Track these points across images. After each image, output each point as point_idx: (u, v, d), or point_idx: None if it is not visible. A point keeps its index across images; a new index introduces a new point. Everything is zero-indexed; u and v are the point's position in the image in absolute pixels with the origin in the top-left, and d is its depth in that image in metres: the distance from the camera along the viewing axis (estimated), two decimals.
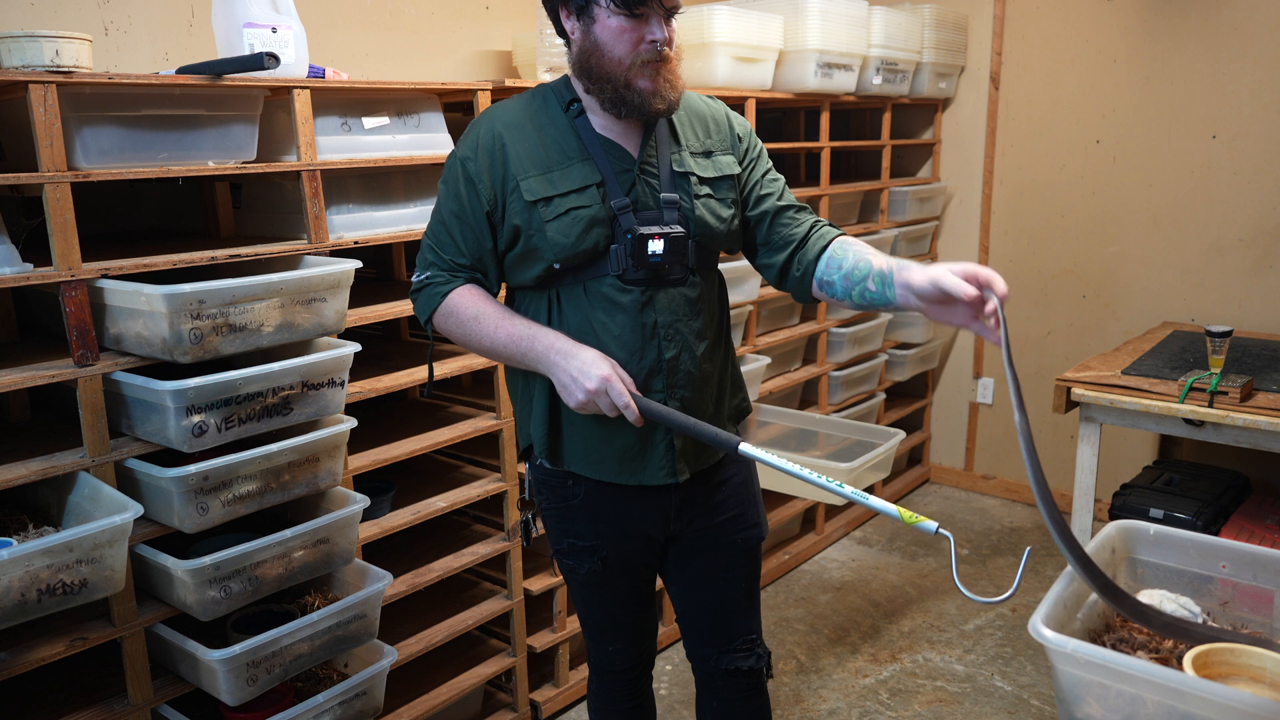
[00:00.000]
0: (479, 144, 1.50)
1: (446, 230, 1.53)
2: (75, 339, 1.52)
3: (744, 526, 1.69)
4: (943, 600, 3.13)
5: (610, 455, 1.56)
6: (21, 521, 1.60)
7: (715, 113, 1.64)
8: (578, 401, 1.42)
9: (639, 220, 1.49)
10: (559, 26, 1.50)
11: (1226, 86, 3.19)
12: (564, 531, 1.66)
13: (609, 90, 1.45)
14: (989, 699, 2.60)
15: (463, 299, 1.52)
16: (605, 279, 1.50)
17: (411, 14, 2.69)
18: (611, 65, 1.43)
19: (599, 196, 1.48)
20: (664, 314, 1.52)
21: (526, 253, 1.49)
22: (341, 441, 1.82)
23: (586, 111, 1.51)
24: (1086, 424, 2.71)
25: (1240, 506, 2.85)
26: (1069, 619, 1.41)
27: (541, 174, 1.48)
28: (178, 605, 1.64)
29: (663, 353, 1.53)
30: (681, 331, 1.54)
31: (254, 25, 1.76)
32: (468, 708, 2.41)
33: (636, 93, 1.44)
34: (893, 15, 3.32)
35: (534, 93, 1.57)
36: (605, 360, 1.42)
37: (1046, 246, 3.70)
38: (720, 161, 1.59)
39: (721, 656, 1.71)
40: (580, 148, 1.50)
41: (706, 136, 1.60)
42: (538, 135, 1.51)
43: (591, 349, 1.44)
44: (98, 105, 1.55)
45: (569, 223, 1.46)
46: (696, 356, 1.56)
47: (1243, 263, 3.25)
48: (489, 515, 2.43)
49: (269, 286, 1.63)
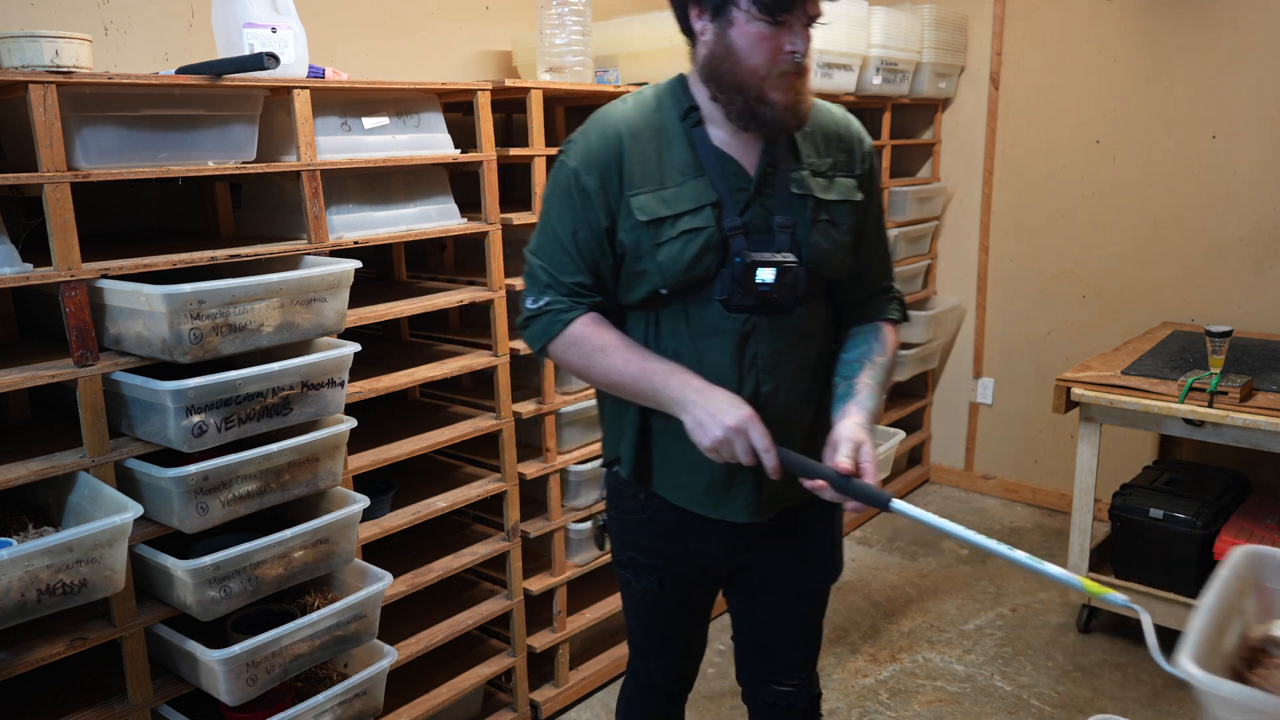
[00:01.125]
0: (591, 153, 1.39)
1: (563, 248, 1.41)
2: (75, 339, 1.52)
3: (818, 569, 1.63)
4: (942, 600, 3.13)
5: (697, 485, 1.48)
6: (21, 521, 1.60)
7: (844, 128, 1.49)
8: (713, 440, 1.30)
9: (750, 244, 1.38)
10: (685, 24, 1.37)
11: (1226, 86, 3.19)
12: (627, 544, 1.61)
13: (739, 101, 1.33)
14: (989, 699, 2.60)
15: (587, 328, 1.41)
16: (709, 304, 1.40)
17: (411, 14, 2.68)
18: (745, 74, 1.31)
19: (713, 218, 1.37)
20: (765, 344, 1.42)
21: (633, 274, 1.41)
22: (341, 441, 1.82)
23: (705, 122, 1.40)
24: (1086, 424, 2.71)
25: (1240, 506, 2.86)
26: (1212, 654, 1.33)
27: (655, 190, 1.38)
28: (177, 605, 1.64)
29: (760, 385, 1.43)
30: (782, 365, 1.44)
31: (254, 25, 1.76)
32: (468, 708, 2.41)
33: (769, 106, 1.33)
34: (893, 15, 3.32)
35: (651, 95, 1.45)
36: (744, 402, 1.32)
37: (1046, 246, 3.70)
38: (841, 184, 1.46)
39: (765, 688, 1.67)
40: (695, 162, 1.39)
41: (829, 154, 1.46)
42: (654, 146, 1.39)
43: (728, 390, 1.35)
44: (98, 105, 1.55)
45: (681, 246, 1.37)
46: (795, 392, 1.46)
47: (1243, 263, 3.25)
48: (489, 515, 2.43)
49: (269, 286, 1.63)
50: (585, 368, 1.43)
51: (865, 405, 1.41)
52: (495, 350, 2.25)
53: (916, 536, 3.59)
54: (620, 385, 1.41)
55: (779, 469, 1.31)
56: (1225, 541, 2.62)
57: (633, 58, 2.80)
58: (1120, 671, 2.71)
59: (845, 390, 1.45)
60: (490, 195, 2.18)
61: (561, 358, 1.45)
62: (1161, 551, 2.75)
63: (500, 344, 2.25)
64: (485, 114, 2.13)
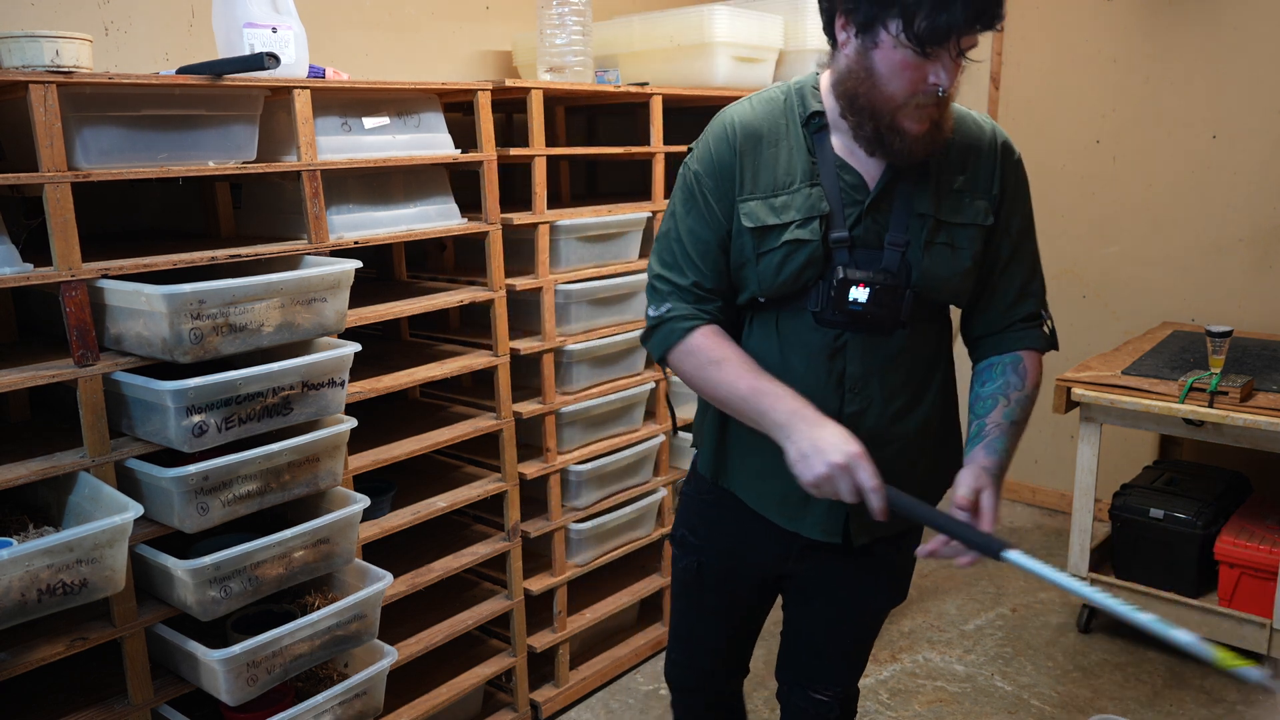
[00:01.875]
0: (709, 156, 1.38)
1: (686, 251, 1.39)
2: (75, 339, 1.52)
3: (881, 591, 1.58)
4: (943, 600, 3.13)
5: (772, 493, 1.46)
6: (21, 521, 1.60)
7: (985, 142, 1.39)
8: (816, 475, 1.24)
9: (853, 259, 1.32)
10: (830, 29, 1.29)
11: (1226, 86, 3.19)
12: (685, 521, 1.63)
13: (869, 126, 1.26)
14: (989, 699, 2.60)
15: (706, 340, 1.38)
16: (802, 314, 1.37)
17: (411, 14, 2.68)
18: (881, 100, 1.24)
19: (820, 230, 1.32)
20: (855, 364, 1.37)
21: (737, 279, 1.39)
22: (341, 441, 1.82)
23: (830, 128, 1.34)
24: (1087, 424, 2.71)
25: (1240, 507, 2.86)
26: None
27: (765, 198, 1.34)
28: (178, 605, 1.64)
29: (845, 405, 1.38)
30: (873, 386, 1.38)
31: (254, 25, 1.76)
32: (468, 708, 2.41)
33: (900, 136, 1.25)
34: None
35: (779, 94, 1.40)
36: (855, 439, 1.26)
37: (1046, 246, 3.64)
38: (972, 207, 1.37)
39: (800, 690, 1.65)
40: (811, 170, 1.34)
41: (963, 170, 1.37)
42: (772, 150, 1.35)
43: (838, 425, 1.28)
44: (98, 105, 1.55)
45: (783, 256, 1.33)
46: (885, 416, 1.40)
47: (1243, 263, 3.25)
48: (489, 515, 2.42)
49: (269, 287, 1.63)
50: (700, 379, 1.39)
51: (995, 448, 1.36)
52: (495, 350, 2.25)
53: None
54: (729, 401, 1.37)
55: (885, 511, 1.24)
56: (1225, 541, 2.62)
57: (633, 58, 2.81)
58: (1120, 671, 2.71)
59: (976, 430, 1.40)
60: (490, 195, 2.18)
61: (678, 367, 1.42)
62: (1162, 552, 2.75)
63: (500, 344, 2.25)
64: (485, 114, 2.13)
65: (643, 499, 2.67)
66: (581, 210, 2.43)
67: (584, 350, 2.43)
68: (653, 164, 2.59)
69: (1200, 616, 2.64)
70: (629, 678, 2.72)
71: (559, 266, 2.40)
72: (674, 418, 2.11)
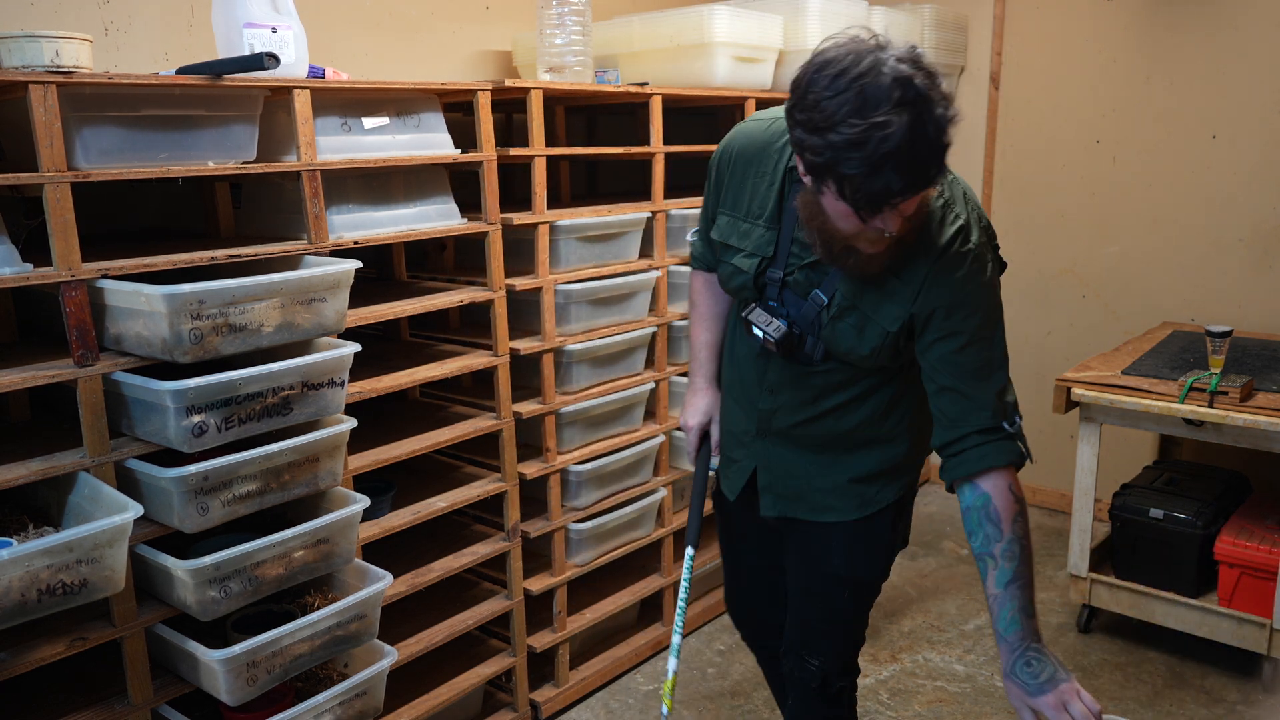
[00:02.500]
0: (717, 158, 1.59)
1: (705, 205, 1.67)
2: (75, 339, 1.52)
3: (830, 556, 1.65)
4: (943, 600, 3.13)
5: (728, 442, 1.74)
6: (21, 521, 1.60)
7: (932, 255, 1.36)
8: (684, 425, 1.79)
9: (780, 298, 1.48)
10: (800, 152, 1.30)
11: (1226, 86, 3.19)
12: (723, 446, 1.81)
13: (822, 249, 1.34)
14: (989, 699, 2.60)
15: (696, 282, 1.78)
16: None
17: (411, 14, 2.69)
18: (833, 229, 1.29)
19: (756, 268, 1.50)
20: (774, 372, 1.58)
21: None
22: (341, 441, 1.82)
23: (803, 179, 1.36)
24: (1086, 424, 2.71)
25: (1240, 507, 2.85)
26: None
27: (732, 218, 1.54)
28: (178, 605, 1.64)
29: (763, 400, 1.61)
30: (785, 393, 1.58)
31: (254, 25, 1.76)
32: (468, 708, 2.41)
33: (854, 254, 1.31)
34: (893, 15, 3.32)
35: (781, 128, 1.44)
36: (703, 416, 1.76)
37: (1046, 246, 3.70)
38: (886, 308, 1.39)
39: (790, 653, 1.76)
40: (776, 213, 1.47)
41: (897, 275, 1.37)
42: (755, 180, 1.50)
43: (706, 400, 1.76)
44: (98, 105, 1.55)
45: (729, 272, 1.56)
46: (794, 420, 1.59)
47: (1243, 263, 3.25)
48: (489, 515, 2.42)
49: (269, 287, 1.63)
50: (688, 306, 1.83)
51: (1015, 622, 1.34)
52: (495, 350, 2.25)
53: (916, 536, 3.59)
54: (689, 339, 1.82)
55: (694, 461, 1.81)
56: (1225, 542, 2.62)
57: (633, 58, 2.81)
58: (1120, 671, 2.71)
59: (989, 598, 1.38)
60: (490, 195, 2.18)
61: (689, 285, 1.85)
62: (1161, 551, 2.75)
63: (500, 344, 2.25)
64: (485, 114, 2.13)
65: (643, 499, 2.67)
66: (581, 210, 2.43)
67: (584, 350, 2.43)
68: (652, 164, 2.59)
69: (1200, 616, 2.64)
70: (629, 678, 2.72)
71: (559, 266, 2.40)
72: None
